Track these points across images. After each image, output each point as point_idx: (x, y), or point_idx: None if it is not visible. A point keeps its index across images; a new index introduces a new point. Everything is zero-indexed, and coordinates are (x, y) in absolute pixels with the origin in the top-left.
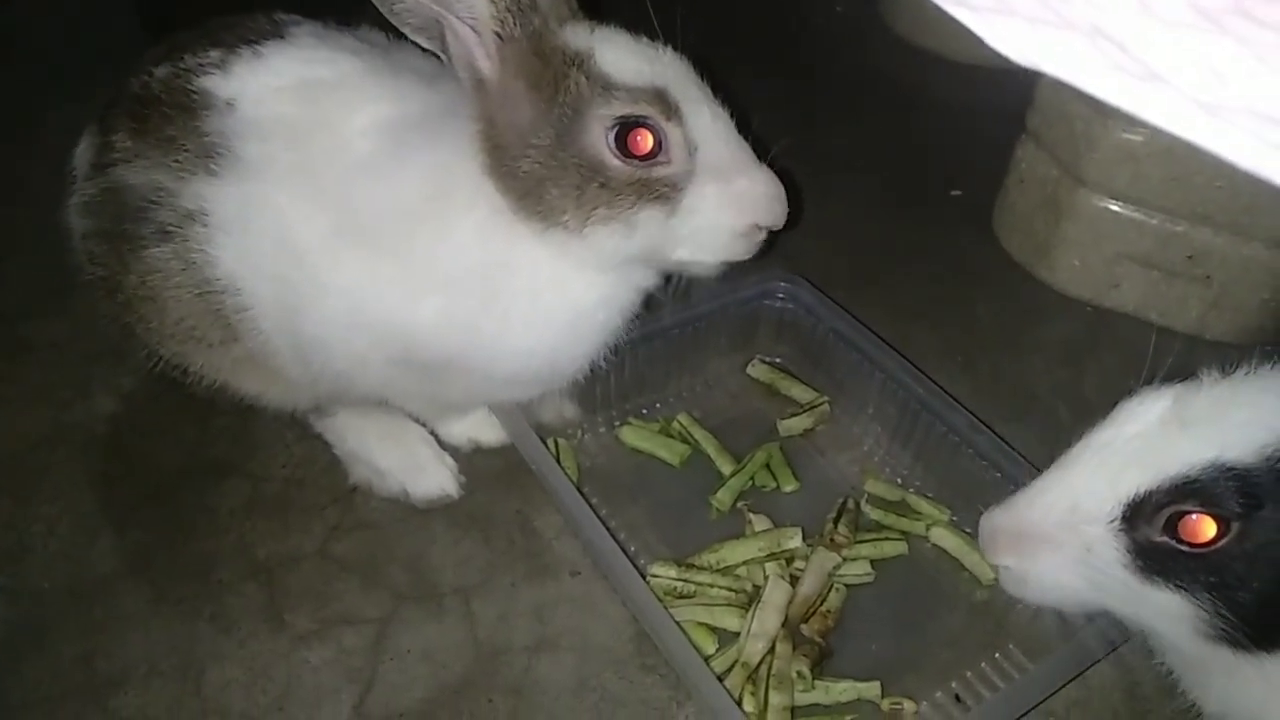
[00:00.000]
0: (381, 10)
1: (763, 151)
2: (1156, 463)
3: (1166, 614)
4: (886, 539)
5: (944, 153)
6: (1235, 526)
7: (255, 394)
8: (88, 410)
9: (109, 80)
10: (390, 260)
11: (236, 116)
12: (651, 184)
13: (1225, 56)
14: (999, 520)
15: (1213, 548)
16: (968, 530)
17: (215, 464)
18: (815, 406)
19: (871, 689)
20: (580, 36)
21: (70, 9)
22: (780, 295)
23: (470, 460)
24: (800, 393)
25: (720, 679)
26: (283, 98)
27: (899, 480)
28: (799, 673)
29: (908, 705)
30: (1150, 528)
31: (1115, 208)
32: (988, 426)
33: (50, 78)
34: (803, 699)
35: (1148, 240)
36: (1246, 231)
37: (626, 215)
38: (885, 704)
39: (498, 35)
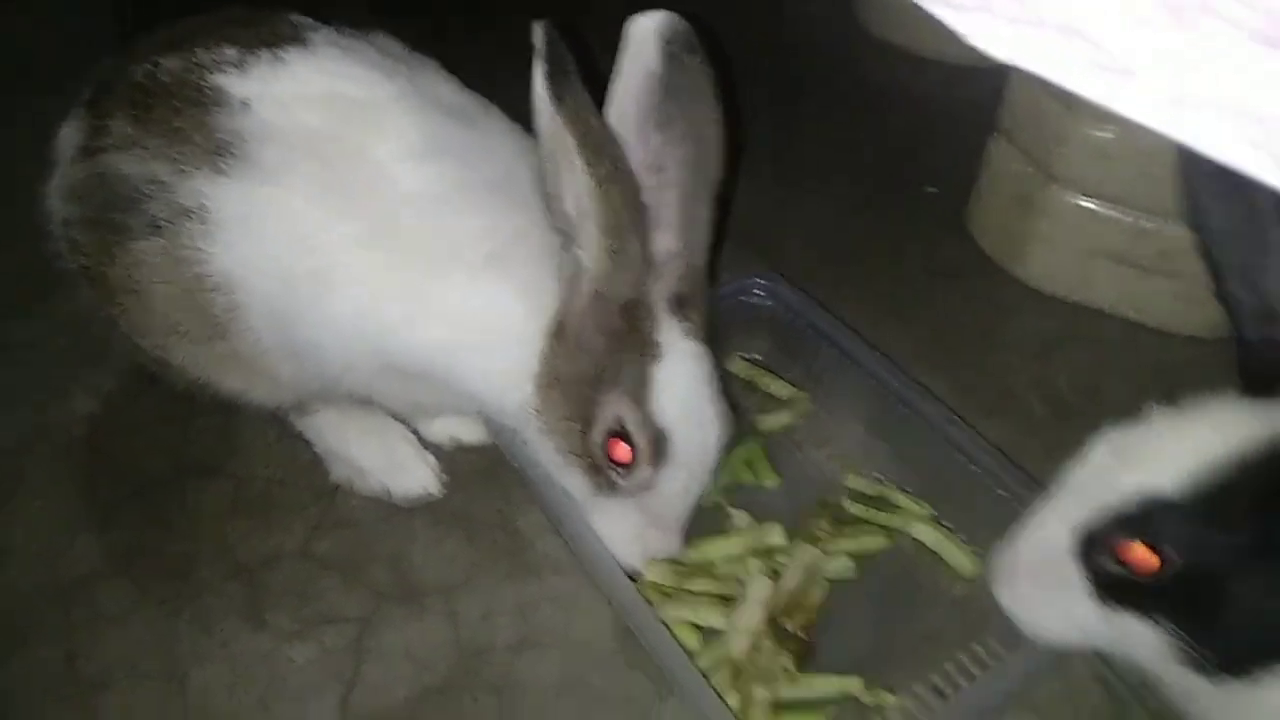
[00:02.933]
0: (540, 193)
1: (745, 157)
2: (1098, 497)
3: (1143, 644)
4: (867, 534)
5: (919, 150)
6: (1174, 556)
7: (237, 391)
8: (66, 411)
9: (83, 74)
10: (412, 279)
11: (253, 118)
12: (601, 473)
13: (1193, 52)
14: (996, 560)
15: (1161, 574)
16: (947, 524)
17: (196, 464)
18: (795, 402)
19: (853, 683)
20: (669, 334)
21: (40, 3)
22: (759, 292)
23: (452, 458)
24: (780, 389)
25: (705, 675)
26: (306, 107)
27: (878, 475)
28: (784, 669)
29: (889, 698)
30: (1104, 559)
31: (1087, 204)
32: (964, 421)
33: (21, 74)
34: (785, 693)
35: (1119, 237)
36: None
37: (568, 460)
38: (867, 698)
39: (594, 287)
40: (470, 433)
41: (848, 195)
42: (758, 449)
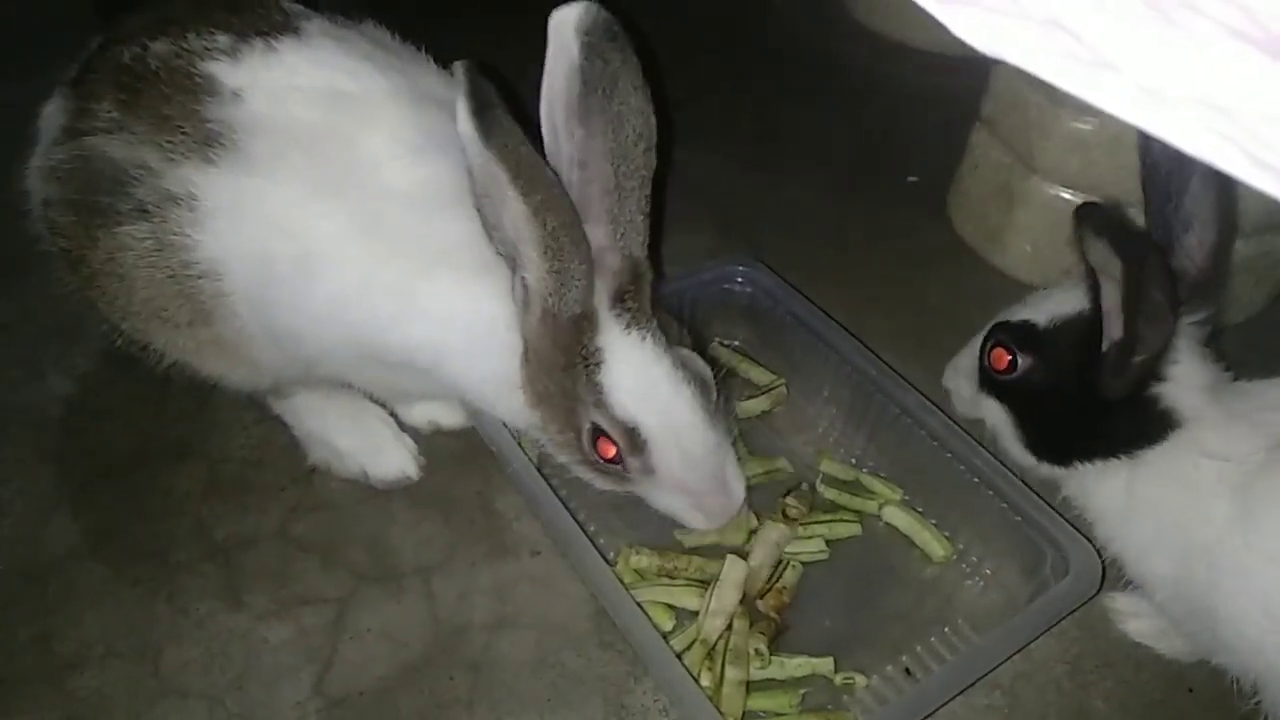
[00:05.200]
0: (483, 226)
1: (720, 138)
2: (998, 320)
3: (998, 420)
4: (841, 520)
5: (900, 138)
6: (1021, 362)
7: (217, 374)
8: (40, 391)
9: (58, 55)
10: (400, 276)
11: (244, 109)
12: (610, 472)
13: (1171, 47)
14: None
15: (1009, 375)
16: (919, 509)
17: (172, 445)
18: (773, 389)
19: (825, 664)
20: (610, 334)
21: None
22: (739, 279)
23: (430, 441)
24: (758, 375)
25: (679, 656)
26: (299, 99)
27: (853, 460)
28: (756, 650)
29: (859, 679)
30: (985, 357)
31: (1066, 195)
32: (938, 407)
33: (2, 52)
34: (758, 674)
35: None
36: None
37: (586, 470)
38: (838, 678)
39: (541, 306)
40: (449, 416)
41: (829, 183)
42: (735, 434)
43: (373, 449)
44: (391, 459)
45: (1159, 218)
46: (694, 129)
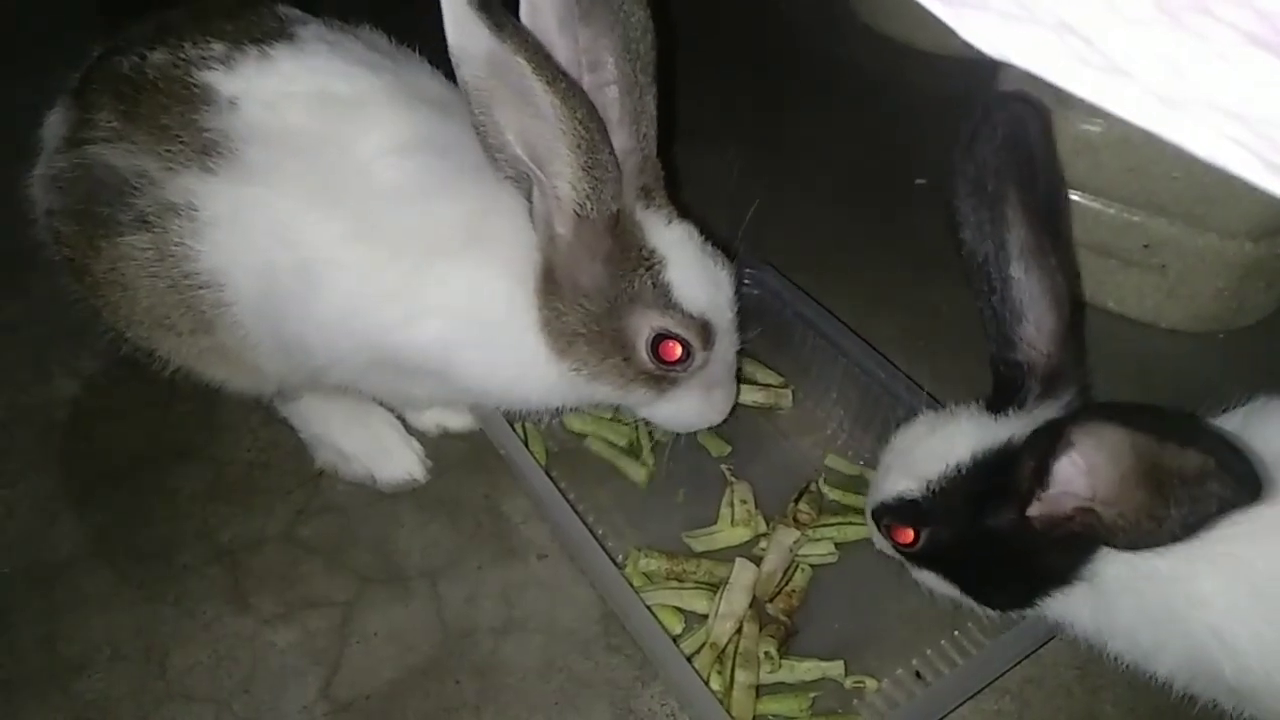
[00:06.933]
0: (482, 149)
1: (726, 139)
2: (875, 497)
3: (942, 589)
4: (850, 523)
5: (909, 140)
6: (923, 532)
7: (221, 380)
8: (46, 393)
9: (64, 58)
10: (401, 275)
11: (240, 117)
12: (659, 378)
13: (1185, 52)
14: None
15: (919, 546)
16: None
17: (178, 447)
18: (779, 391)
19: (835, 667)
20: (656, 233)
21: None
22: (746, 281)
23: (437, 444)
24: (766, 378)
25: (688, 659)
26: (293, 106)
27: (861, 462)
28: (766, 653)
29: (869, 682)
30: (886, 537)
31: (1073, 197)
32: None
33: (4, 55)
34: (768, 678)
35: (1105, 230)
36: (1201, 221)
37: (627, 386)
38: (848, 682)
39: (575, 212)
40: (457, 420)
41: (836, 184)
42: None
43: (380, 452)
44: (398, 462)
45: (988, 311)
46: (699, 131)
